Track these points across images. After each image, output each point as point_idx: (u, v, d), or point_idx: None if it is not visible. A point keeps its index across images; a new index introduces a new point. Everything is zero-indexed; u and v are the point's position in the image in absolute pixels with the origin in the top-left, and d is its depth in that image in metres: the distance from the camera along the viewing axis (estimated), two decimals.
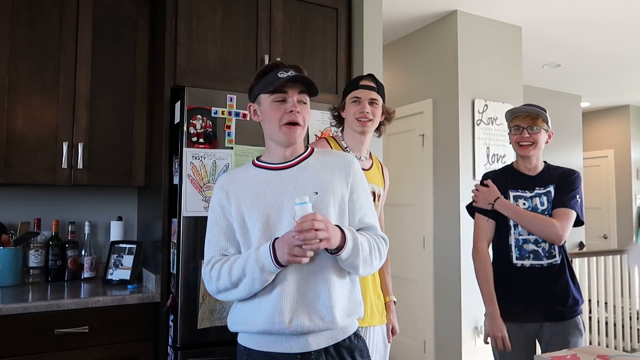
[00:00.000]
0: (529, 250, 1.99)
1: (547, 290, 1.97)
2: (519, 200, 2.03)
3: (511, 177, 2.10)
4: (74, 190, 2.60)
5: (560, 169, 2.10)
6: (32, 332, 1.92)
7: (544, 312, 1.97)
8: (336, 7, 2.61)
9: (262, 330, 1.37)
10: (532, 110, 2.02)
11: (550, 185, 2.03)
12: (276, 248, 1.32)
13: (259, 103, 1.49)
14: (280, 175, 1.47)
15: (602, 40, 4.13)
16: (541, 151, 2.06)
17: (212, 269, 1.42)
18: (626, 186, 6.44)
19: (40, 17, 2.26)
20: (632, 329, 4.60)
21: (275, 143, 1.49)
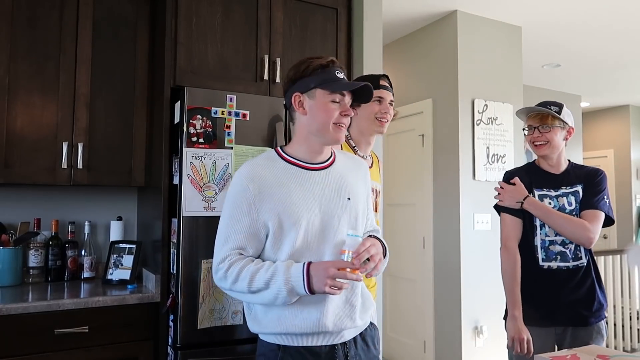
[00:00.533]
0: (555, 251, 1.93)
1: (573, 294, 1.91)
2: (544, 200, 1.96)
3: (535, 175, 2.03)
4: (74, 190, 2.60)
5: (585, 168, 2.05)
6: (32, 332, 1.92)
7: (569, 316, 1.91)
8: (336, 7, 2.61)
9: (304, 333, 1.37)
10: (541, 109, 1.98)
11: (578, 184, 1.97)
12: (312, 275, 1.28)
13: (311, 96, 1.42)
14: (312, 177, 1.45)
15: (602, 40, 4.13)
16: (560, 149, 1.99)
17: (229, 269, 1.35)
18: (626, 186, 6.44)
19: (40, 17, 2.26)
20: (632, 329, 4.60)
21: (317, 139, 1.44)
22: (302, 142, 1.46)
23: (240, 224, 1.38)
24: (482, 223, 3.54)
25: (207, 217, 2.07)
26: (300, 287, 1.29)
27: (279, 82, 2.41)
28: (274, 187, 1.39)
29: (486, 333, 3.47)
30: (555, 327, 1.94)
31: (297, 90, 1.43)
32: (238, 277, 1.34)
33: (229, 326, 2.07)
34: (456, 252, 3.48)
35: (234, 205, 1.40)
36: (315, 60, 1.43)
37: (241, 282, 1.33)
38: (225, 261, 1.37)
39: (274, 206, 1.38)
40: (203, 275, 2.04)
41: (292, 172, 1.43)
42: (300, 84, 1.43)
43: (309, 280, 1.28)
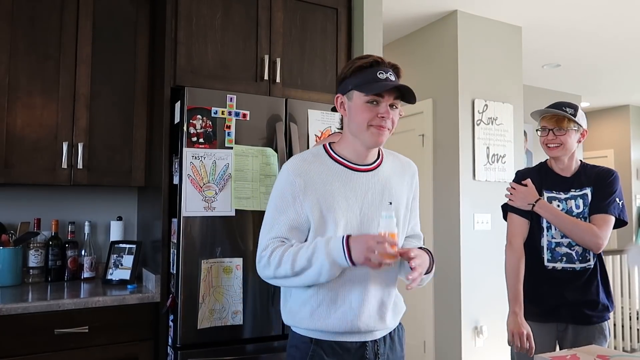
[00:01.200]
0: (561, 253, 1.94)
1: (577, 295, 1.92)
2: (553, 202, 1.97)
3: (546, 176, 2.03)
4: (74, 190, 2.60)
5: (596, 168, 2.01)
6: (32, 332, 1.92)
7: (571, 314, 1.93)
8: (336, 7, 2.61)
9: (337, 332, 1.40)
10: (557, 111, 1.96)
11: (587, 187, 1.95)
12: (352, 246, 1.29)
13: (350, 98, 1.43)
14: (357, 178, 1.45)
15: (602, 40, 4.13)
16: (572, 151, 1.99)
17: (272, 254, 1.37)
18: (626, 186, 6.44)
19: (40, 17, 2.26)
20: (632, 329, 4.60)
21: (357, 141, 1.45)
22: (348, 143, 1.48)
23: (284, 215, 1.41)
24: (482, 223, 3.54)
25: (207, 217, 2.07)
26: (342, 258, 1.29)
27: (279, 82, 2.41)
28: (318, 184, 1.42)
29: (486, 333, 3.47)
30: (557, 323, 1.95)
31: (339, 92, 1.47)
32: (281, 261, 1.35)
33: (229, 326, 2.07)
34: (456, 252, 3.48)
35: (280, 197, 1.43)
36: (358, 61, 1.43)
37: (284, 265, 1.35)
38: (267, 248, 1.39)
39: (316, 202, 1.40)
40: (203, 275, 2.04)
41: (338, 171, 1.45)
42: (342, 85, 1.45)
43: (349, 251, 1.29)
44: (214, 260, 2.07)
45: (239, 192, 2.12)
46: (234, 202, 2.11)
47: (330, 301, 1.39)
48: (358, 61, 1.43)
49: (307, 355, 1.40)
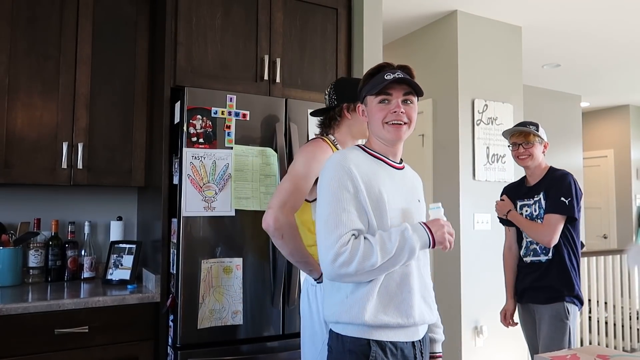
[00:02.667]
0: (531, 248, 2.38)
1: (537, 281, 2.33)
2: (523, 208, 2.41)
3: (519, 189, 2.48)
4: (74, 190, 2.60)
5: (555, 173, 2.37)
6: (32, 332, 1.92)
7: (534, 296, 2.35)
8: (336, 7, 2.61)
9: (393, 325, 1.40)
10: (524, 129, 2.37)
11: (539, 193, 2.35)
12: (433, 231, 1.40)
13: (366, 104, 1.52)
14: (396, 174, 1.52)
15: (602, 40, 4.13)
16: (539, 160, 2.39)
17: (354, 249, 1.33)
18: (626, 186, 6.44)
19: (40, 17, 2.26)
20: (632, 329, 4.60)
21: (381, 141, 1.51)
22: (375, 144, 1.54)
23: (349, 206, 1.38)
24: (482, 223, 3.54)
25: (207, 217, 2.07)
26: (427, 240, 1.39)
27: (279, 82, 2.41)
28: (370, 175, 1.43)
29: (486, 333, 3.47)
30: (530, 304, 2.38)
31: (359, 102, 1.56)
32: (366, 254, 1.33)
33: (229, 326, 2.07)
34: (456, 252, 3.48)
35: (339, 188, 1.39)
36: (368, 72, 1.53)
37: (371, 257, 1.33)
38: (347, 244, 1.34)
39: (372, 192, 1.41)
40: (203, 275, 2.04)
41: (380, 164, 1.49)
42: (360, 95, 1.56)
43: (433, 235, 1.39)
44: (214, 260, 2.07)
45: (239, 192, 2.12)
46: (234, 202, 2.11)
47: (386, 293, 1.40)
48: (369, 71, 1.53)
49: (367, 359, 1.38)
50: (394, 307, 1.40)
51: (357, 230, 1.38)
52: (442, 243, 1.40)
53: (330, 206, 1.39)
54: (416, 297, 1.44)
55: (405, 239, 1.36)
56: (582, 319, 4.05)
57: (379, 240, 1.36)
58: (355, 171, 1.40)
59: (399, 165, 1.55)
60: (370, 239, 1.36)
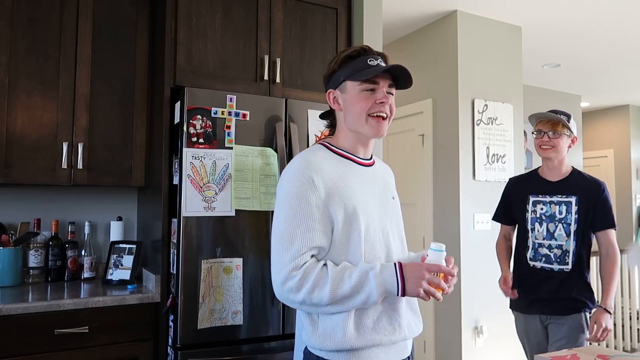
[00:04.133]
0: (542, 253, 2.17)
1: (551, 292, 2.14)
2: (537, 206, 2.20)
3: (533, 182, 2.25)
4: (74, 190, 2.60)
5: (586, 178, 2.18)
6: (32, 333, 1.92)
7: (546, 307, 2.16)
8: (336, 7, 2.61)
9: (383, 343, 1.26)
10: (554, 116, 2.14)
11: (573, 195, 2.13)
12: (406, 277, 1.19)
13: (343, 90, 1.35)
14: (366, 172, 1.37)
15: (602, 40, 4.13)
16: (563, 155, 2.17)
17: (305, 278, 1.18)
18: (626, 186, 6.44)
19: (40, 17, 2.26)
20: (632, 329, 4.60)
21: (356, 135, 1.36)
22: (346, 138, 1.38)
23: (309, 220, 1.22)
24: (482, 223, 3.54)
25: (207, 217, 2.07)
26: (394, 289, 1.19)
27: (279, 82, 2.41)
28: (335, 179, 1.28)
29: (486, 333, 3.47)
30: (539, 315, 2.20)
31: (330, 87, 1.38)
32: (317, 285, 1.18)
33: (229, 326, 2.07)
34: (456, 252, 3.48)
35: (298, 200, 1.23)
36: (344, 52, 1.36)
37: (321, 291, 1.18)
38: (299, 269, 1.19)
39: (339, 199, 1.26)
40: (203, 275, 2.04)
41: (347, 164, 1.35)
42: (333, 79, 1.37)
43: (403, 283, 1.19)
44: (214, 260, 2.07)
45: (239, 192, 2.12)
46: (234, 202, 2.11)
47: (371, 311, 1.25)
48: (344, 52, 1.36)
49: None
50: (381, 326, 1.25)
51: (318, 247, 1.23)
52: (414, 295, 1.19)
53: (286, 221, 1.23)
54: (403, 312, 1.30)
55: (366, 280, 1.18)
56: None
57: (337, 273, 1.19)
58: (317, 179, 1.24)
59: (369, 162, 1.40)
60: (329, 269, 1.20)
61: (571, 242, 2.12)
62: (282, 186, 1.29)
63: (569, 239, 2.12)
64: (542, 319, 2.21)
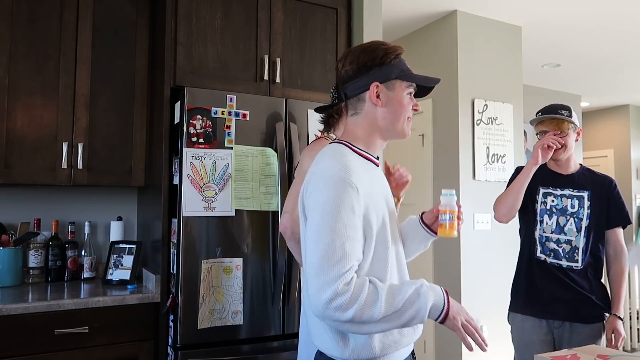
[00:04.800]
0: (550, 248, 2.04)
1: (566, 291, 1.99)
2: (547, 197, 2.07)
3: (543, 173, 2.10)
4: (74, 190, 2.60)
5: (595, 174, 2.10)
6: (32, 333, 1.92)
7: (564, 312, 1.99)
8: (336, 7, 2.61)
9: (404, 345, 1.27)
10: (556, 116, 2.02)
11: (585, 190, 2.04)
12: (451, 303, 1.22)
13: (390, 88, 1.28)
14: (379, 175, 1.35)
15: (602, 40, 4.13)
16: (573, 148, 2.06)
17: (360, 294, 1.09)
18: (626, 186, 6.44)
19: (40, 17, 2.26)
20: (632, 329, 4.60)
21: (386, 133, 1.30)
22: (367, 136, 1.30)
23: (354, 231, 1.14)
24: (482, 223, 3.53)
25: (207, 217, 2.07)
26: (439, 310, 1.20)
27: (279, 82, 2.41)
28: (367, 185, 1.22)
29: (486, 333, 3.47)
30: (552, 320, 2.01)
31: (376, 80, 1.27)
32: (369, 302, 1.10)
33: (229, 326, 2.07)
34: (456, 252, 3.48)
35: (341, 209, 1.13)
36: (391, 48, 1.29)
37: (372, 307, 1.10)
38: (349, 284, 1.10)
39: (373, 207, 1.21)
40: (203, 275, 2.04)
41: (370, 167, 1.29)
42: (378, 72, 1.27)
43: (448, 307, 1.21)
44: (214, 260, 2.07)
45: (239, 192, 2.12)
46: (234, 202, 2.11)
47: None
48: (392, 47, 1.29)
49: None
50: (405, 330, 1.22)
51: (359, 259, 1.16)
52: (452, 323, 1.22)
53: (332, 233, 1.12)
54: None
55: (417, 296, 1.15)
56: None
57: (387, 288, 1.14)
58: (358, 185, 1.17)
59: (378, 162, 1.35)
60: (377, 283, 1.14)
61: (581, 239, 2.00)
62: (318, 194, 1.17)
63: (579, 235, 2.00)
64: (550, 324, 2.02)
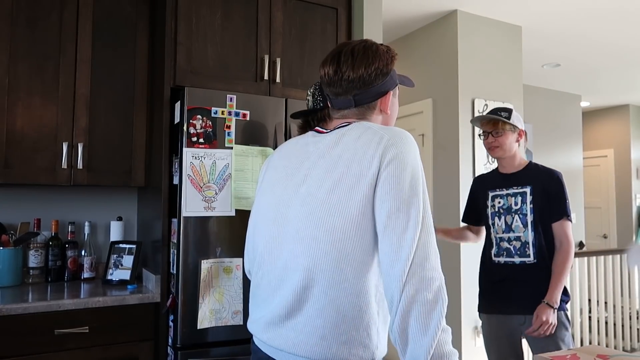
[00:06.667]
0: (503, 247, 2.15)
1: (521, 287, 2.09)
2: (495, 200, 2.19)
3: (492, 178, 2.26)
4: (74, 190, 2.60)
5: (540, 168, 2.16)
6: (32, 333, 1.92)
7: (522, 307, 2.07)
8: (336, 7, 2.61)
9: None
10: (492, 117, 2.15)
11: (527, 186, 2.12)
12: None
13: (394, 94, 1.27)
14: None
15: (602, 40, 4.13)
16: (513, 151, 2.17)
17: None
18: (626, 186, 6.44)
19: (40, 17, 2.26)
20: (632, 329, 4.60)
21: None
22: None
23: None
24: None
25: (207, 217, 2.07)
26: None
27: (279, 82, 2.41)
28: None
29: None
30: (516, 315, 2.10)
31: (389, 88, 1.23)
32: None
33: (229, 326, 2.07)
34: (456, 252, 3.48)
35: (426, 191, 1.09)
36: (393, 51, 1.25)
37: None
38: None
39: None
40: (203, 275, 2.04)
41: None
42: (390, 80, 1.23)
43: None
44: (214, 260, 2.07)
45: (239, 192, 2.12)
46: (234, 202, 2.11)
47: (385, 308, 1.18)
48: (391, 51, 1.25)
49: None
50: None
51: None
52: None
53: (428, 212, 1.07)
54: None
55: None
56: (582, 319, 4.05)
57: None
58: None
59: None
60: None
61: (529, 233, 2.08)
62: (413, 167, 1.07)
63: (527, 230, 2.08)
64: (512, 321, 2.11)
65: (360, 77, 1.20)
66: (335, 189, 1.09)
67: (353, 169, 1.08)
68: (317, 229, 1.09)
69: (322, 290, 1.08)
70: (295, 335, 1.11)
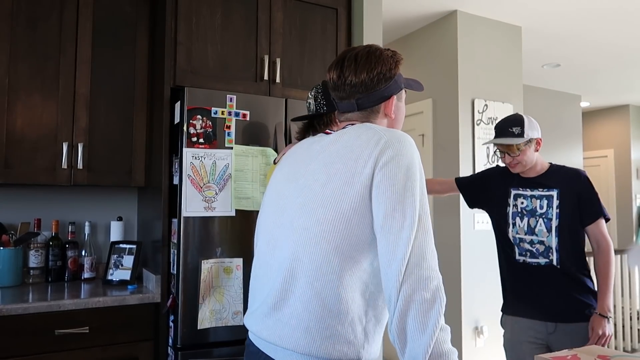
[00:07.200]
0: (525, 248, 2.04)
1: (549, 289, 1.99)
2: (518, 200, 2.07)
3: (513, 176, 2.12)
4: (74, 190, 2.60)
5: (564, 169, 2.07)
6: (32, 333, 1.92)
7: (549, 312, 1.98)
8: (336, 7, 2.61)
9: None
10: (503, 141, 2.01)
11: (554, 189, 2.01)
12: None
13: (400, 97, 1.28)
14: None
15: (602, 40, 4.13)
16: (532, 161, 2.05)
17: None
18: (626, 186, 6.44)
19: (40, 17, 2.26)
20: (632, 329, 4.60)
21: None
22: None
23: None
24: (482, 223, 3.54)
25: (207, 217, 2.07)
26: None
27: (279, 82, 2.41)
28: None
29: (486, 333, 3.47)
30: (545, 322, 2.00)
31: (393, 92, 1.24)
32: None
33: (229, 327, 2.07)
34: (456, 252, 3.48)
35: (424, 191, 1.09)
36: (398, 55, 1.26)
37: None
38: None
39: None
40: (203, 275, 2.04)
41: None
42: (394, 84, 1.25)
43: None
44: (214, 261, 2.07)
45: (239, 192, 2.12)
46: (234, 202, 2.11)
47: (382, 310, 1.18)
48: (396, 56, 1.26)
49: None
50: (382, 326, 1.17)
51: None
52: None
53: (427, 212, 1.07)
54: None
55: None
56: None
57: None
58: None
59: None
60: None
61: (553, 239, 1.98)
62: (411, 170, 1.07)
63: (550, 235, 1.99)
64: (541, 326, 2.01)
65: (363, 82, 1.22)
66: (329, 183, 1.11)
67: (349, 165, 1.10)
68: (309, 219, 1.11)
69: (308, 281, 1.09)
70: (281, 327, 1.12)
